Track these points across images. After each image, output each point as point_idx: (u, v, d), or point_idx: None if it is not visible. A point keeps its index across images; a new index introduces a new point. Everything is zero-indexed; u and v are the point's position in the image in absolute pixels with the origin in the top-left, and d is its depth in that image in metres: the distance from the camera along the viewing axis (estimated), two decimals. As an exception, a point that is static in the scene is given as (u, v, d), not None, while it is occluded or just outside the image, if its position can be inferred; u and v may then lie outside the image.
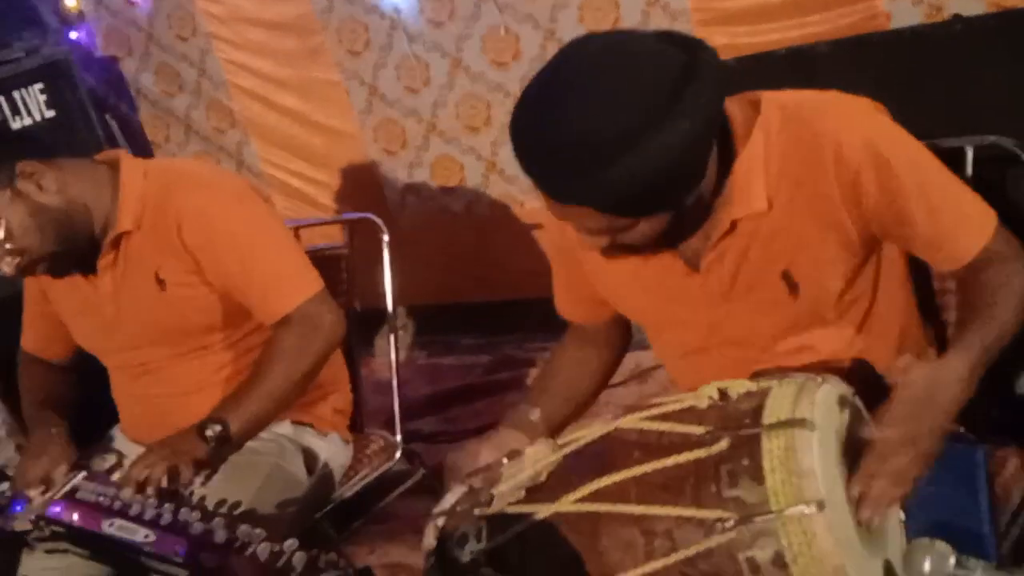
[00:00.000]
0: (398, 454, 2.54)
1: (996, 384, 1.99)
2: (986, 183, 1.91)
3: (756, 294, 1.66)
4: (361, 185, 4.73)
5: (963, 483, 1.54)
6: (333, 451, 2.40)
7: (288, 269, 2.23)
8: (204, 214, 2.19)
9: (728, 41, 3.62)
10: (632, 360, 2.76)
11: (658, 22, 3.74)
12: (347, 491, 2.45)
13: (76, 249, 2.21)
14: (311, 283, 2.22)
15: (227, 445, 2.06)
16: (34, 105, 4.59)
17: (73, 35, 5.10)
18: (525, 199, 4.23)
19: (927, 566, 1.28)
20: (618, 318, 1.93)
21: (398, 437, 2.57)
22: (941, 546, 1.30)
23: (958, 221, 1.62)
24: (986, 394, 2.05)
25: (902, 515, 1.44)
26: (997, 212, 1.80)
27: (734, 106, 1.63)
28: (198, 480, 2.02)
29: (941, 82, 2.56)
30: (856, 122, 1.61)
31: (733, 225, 1.62)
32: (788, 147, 1.60)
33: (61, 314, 2.39)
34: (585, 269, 1.83)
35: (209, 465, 2.04)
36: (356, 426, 2.60)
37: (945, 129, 1.97)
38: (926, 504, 1.46)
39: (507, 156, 4.31)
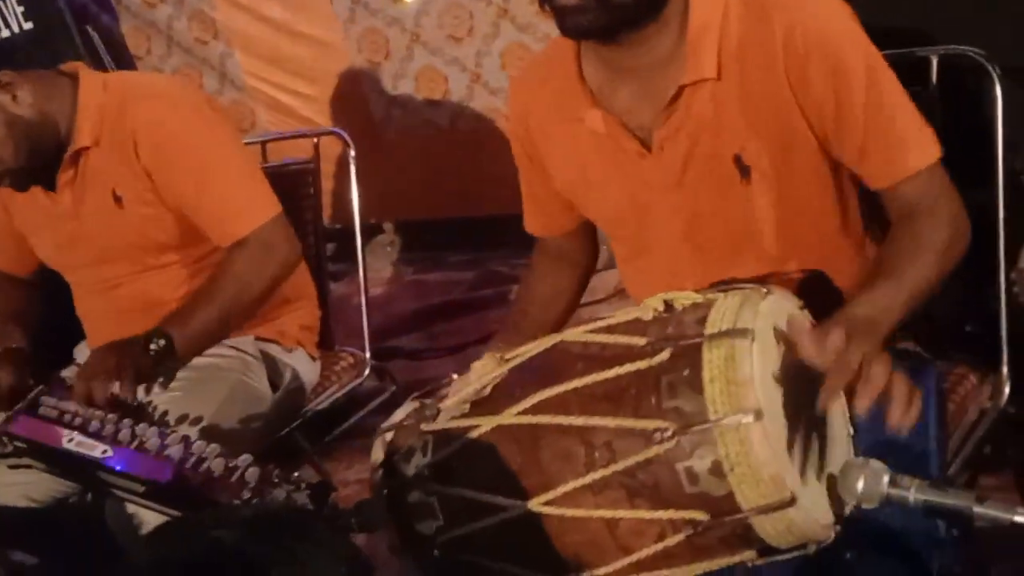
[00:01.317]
0: (367, 371, 2.54)
1: (968, 300, 2.01)
2: (952, 93, 1.90)
3: (709, 179, 1.65)
4: (346, 98, 4.72)
5: (911, 401, 1.54)
6: (300, 367, 2.41)
7: (244, 191, 2.22)
8: (160, 130, 2.17)
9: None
10: (614, 277, 2.77)
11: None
12: (316, 407, 2.46)
13: (42, 163, 2.20)
14: (267, 207, 2.21)
15: (171, 359, 2.06)
16: (12, 16, 4.54)
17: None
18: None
19: (860, 485, 1.27)
20: (583, 229, 1.93)
21: (367, 354, 2.57)
22: (875, 465, 1.28)
23: (902, 136, 1.60)
24: (956, 309, 2.08)
25: (851, 430, 1.44)
26: (963, 123, 1.79)
27: None
28: (141, 391, 2.01)
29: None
30: (814, 11, 1.60)
31: (680, 91, 1.61)
32: (745, 24, 1.60)
33: (23, 229, 2.38)
34: (549, 172, 1.83)
35: (151, 378, 2.06)
36: (326, 343, 2.60)
37: (912, 39, 1.95)
38: (875, 420, 1.46)
39: (491, 67, 4.29)
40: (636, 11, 1.56)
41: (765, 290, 1.37)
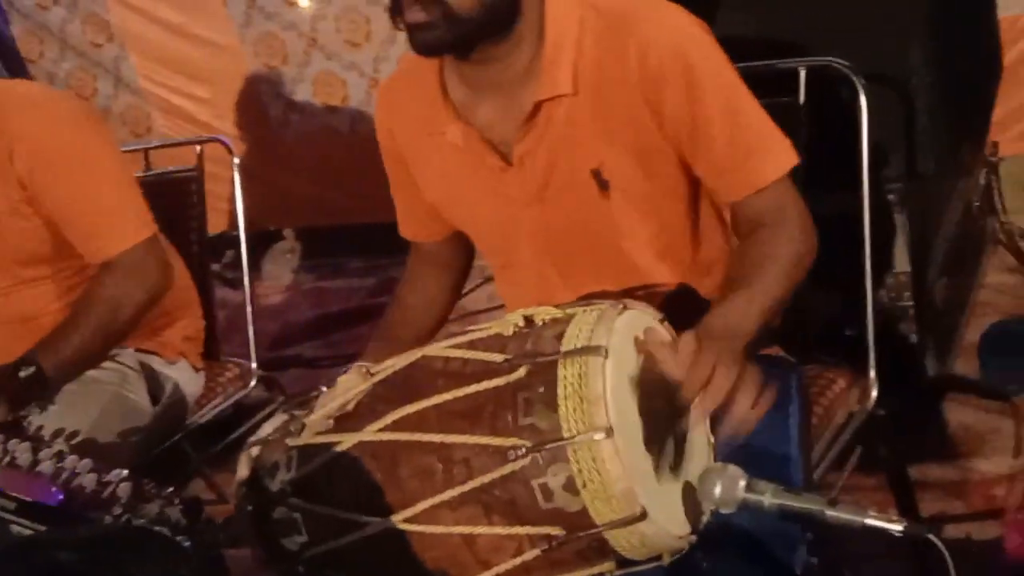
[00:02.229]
0: (253, 382, 2.52)
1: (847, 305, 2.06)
2: (819, 103, 1.95)
3: (569, 193, 1.67)
4: (242, 102, 4.68)
5: (777, 408, 1.56)
6: (182, 379, 2.38)
7: (117, 210, 2.17)
8: (36, 141, 2.12)
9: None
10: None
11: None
12: (200, 419, 2.43)
13: None
14: (139, 228, 2.17)
15: (41, 386, 2.03)
16: None
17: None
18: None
19: (718, 490, 1.30)
20: (457, 235, 1.93)
21: (253, 364, 2.55)
22: (732, 470, 1.31)
23: (756, 148, 1.62)
24: (834, 314, 2.12)
25: (711, 437, 1.45)
26: (828, 130, 1.83)
27: None
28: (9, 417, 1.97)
29: (780, 4, 2.58)
30: (669, 29, 1.62)
31: (538, 106, 1.63)
32: (601, 40, 1.62)
33: None
34: (418, 183, 1.83)
35: (22, 404, 2.01)
36: (212, 353, 2.58)
37: (781, 51, 2.00)
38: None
39: (390, 73, 4.25)
40: (484, 27, 1.57)
41: (622, 306, 1.38)
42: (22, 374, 1.99)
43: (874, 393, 1.93)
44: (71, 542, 1.14)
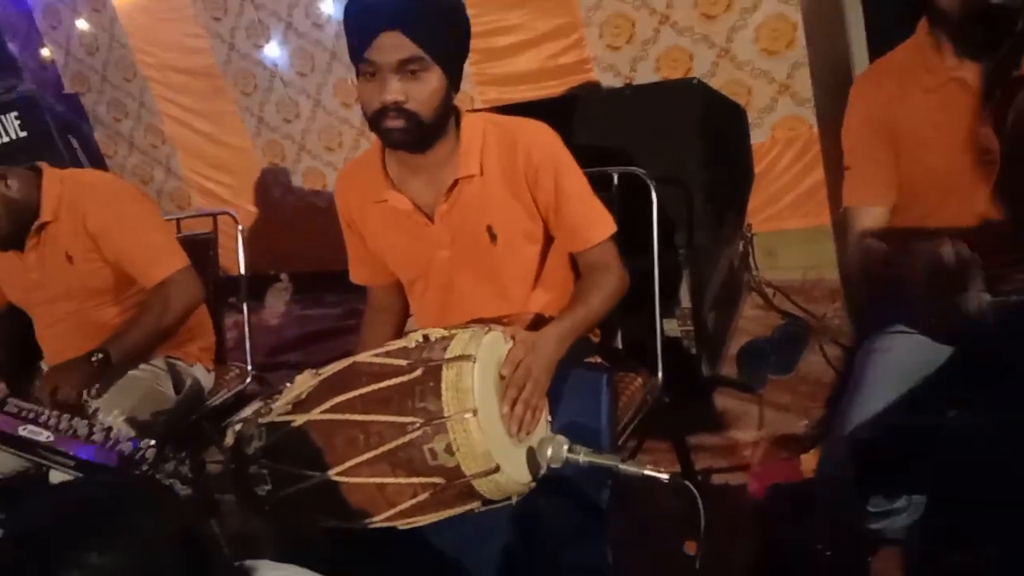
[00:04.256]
0: (249, 379, 2.45)
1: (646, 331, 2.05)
2: (625, 198, 1.96)
3: (470, 241, 1.66)
4: (254, 186, 4.60)
5: (591, 396, 1.57)
6: (198, 376, 2.32)
7: (162, 248, 2.14)
8: (104, 208, 2.10)
9: (497, 96, 3.63)
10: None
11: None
12: (212, 404, 2.35)
13: (17, 231, 2.11)
14: (180, 259, 2.14)
15: (108, 367, 1.98)
16: (10, 126, 4.37)
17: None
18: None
19: (549, 452, 1.31)
20: (396, 285, 1.87)
21: (249, 367, 2.47)
22: (560, 438, 1.32)
23: (591, 219, 1.66)
24: (640, 336, 2.11)
25: (549, 417, 1.46)
26: (630, 219, 1.84)
27: (465, 112, 1.66)
28: (85, 394, 1.93)
29: (616, 126, 2.62)
30: (543, 138, 1.64)
31: (456, 183, 1.62)
32: (499, 141, 1.63)
33: None
34: (365, 237, 1.79)
35: (93, 381, 1.96)
36: (221, 359, 2.50)
37: (607, 159, 2.01)
38: (565, 410, 1.49)
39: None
40: (437, 129, 1.57)
41: (488, 328, 1.38)
42: (93, 359, 1.95)
43: (659, 387, 1.93)
44: (99, 485, 1.09)
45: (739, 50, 3.17)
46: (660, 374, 1.94)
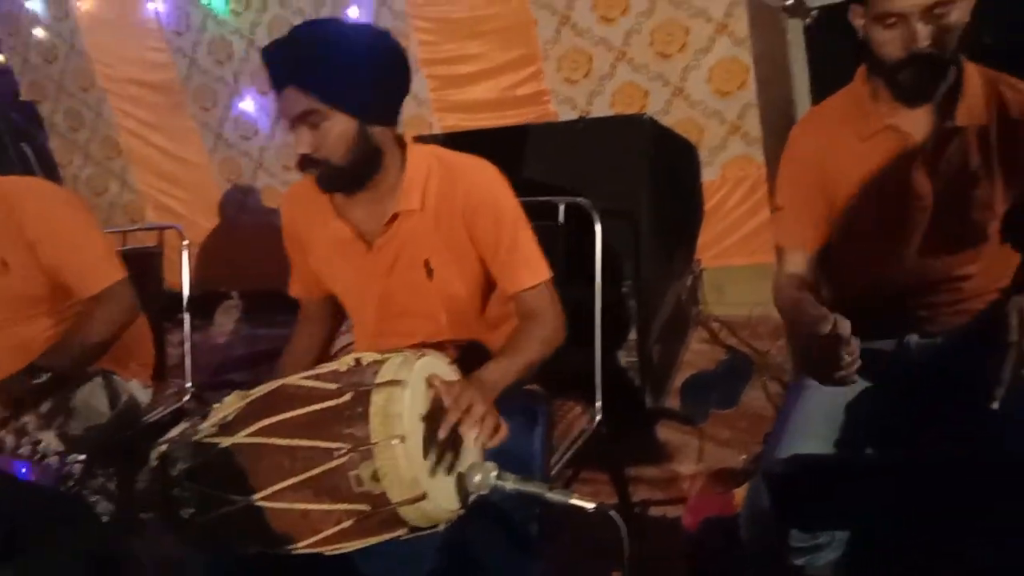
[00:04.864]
0: (187, 397, 2.40)
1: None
2: (572, 228, 1.97)
3: (407, 273, 1.65)
4: (209, 203, 4.55)
5: (525, 423, 1.56)
6: (135, 392, 2.25)
7: (100, 259, 2.08)
8: (40, 215, 2.04)
9: (456, 123, 3.64)
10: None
11: (407, 108, 3.72)
12: (149, 420, 2.28)
13: None
14: (117, 271, 2.09)
15: (46, 383, 1.92)
16: (-40, 135, 4.28)
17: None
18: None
19: (477, 478, 1.29)
20: (330, 298, 1.86)
21: (188, 384, 2.42)
22: (489, 464, 1.30)
23: (526, 261, 1.65)
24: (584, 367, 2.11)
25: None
26: (574, 247, 1.85)
27: (415, 146, 1.65)
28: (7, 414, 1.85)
29: (567, 156, 2.64)
30: (485, 179, 1.64)
31: (395, 215, 1.62)
32: (441, 180, 1.63)
33: None
34: (307, 255, 1.78)
35: (24, 405, 1.88)
36: (161, 375, 2.44)
37: (559, 190, 2.02)
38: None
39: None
40: (357, 170, 1.57)
41: (421, 352, 1.37)
42: (35, 381, 1.89)
43: (598, 417, 1.93)
44: (17, 498, 1.06)
45: (693, 89, 3.22)
46: (599, 404, 1.93)
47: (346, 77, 1.49)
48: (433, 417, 1.31)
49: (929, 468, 1.13)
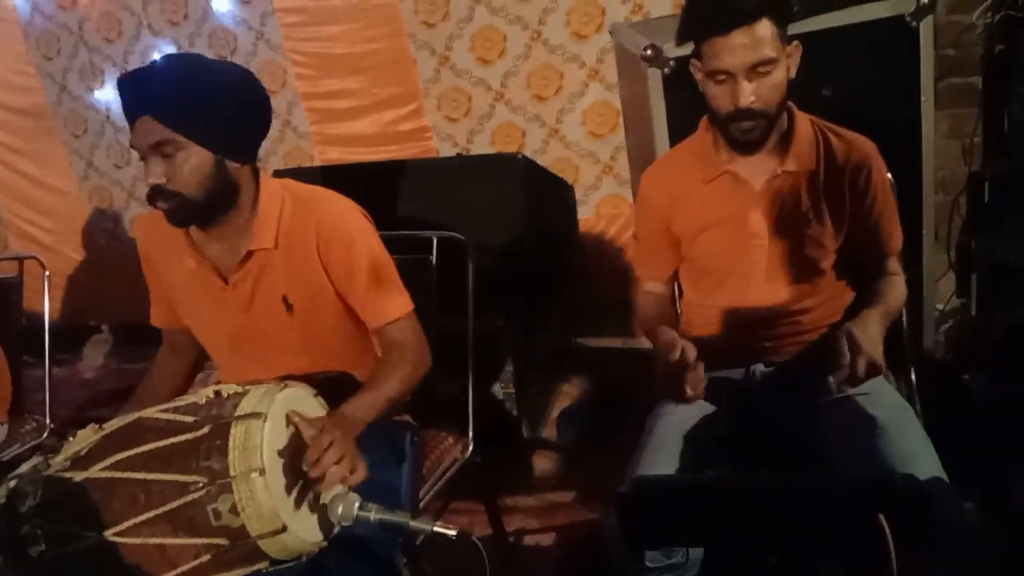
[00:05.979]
0: (46, 433, 2.29)
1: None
2: (448, 262, 2.00)
3: (266, 309, 1.64)
4: (77, 232, 4.37)
5: (395, 454, 1.57)
6: (-12, 429, 2.14)
7: None
8: None
9: (338, 156, 3.64)
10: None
11: (290, 139, 3.71)
12: (3, 458, 2.17)
13: None
14: None
15: None
16: None
17: None
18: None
19: (340, 509, 1.29)
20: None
21: (47, 420, 2.31)
22: (352, 495, 1.30)
23: (384, 295, 1.65)
24: (456, 394, 2.12)
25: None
26: (451, 281, 1.87)
27: (268, 181, 1.63)
28: None
29: (444, 192, 2.68)
30: (338, 211, 1.64)
31: (250, 254, 1.60)
32: (295, 215, 1.61)
33: None
34: (165, 286, 1.74)
35: None
36: (18, 411, 2.33)
37: (436, 225, 2.03)
38: (369, 468, 1.48)
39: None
40: (211, 205, 1.54)
41: (284, 385, 1.36)
42: None
43: (471, 447, 1.95)
44: None
45: (568, 131, 3.34)
46: (471, 434, 1.95)
47: (203, 110, 1.47)
48: (294, 450, 1.30)
49: (764, 488, 1.20)
